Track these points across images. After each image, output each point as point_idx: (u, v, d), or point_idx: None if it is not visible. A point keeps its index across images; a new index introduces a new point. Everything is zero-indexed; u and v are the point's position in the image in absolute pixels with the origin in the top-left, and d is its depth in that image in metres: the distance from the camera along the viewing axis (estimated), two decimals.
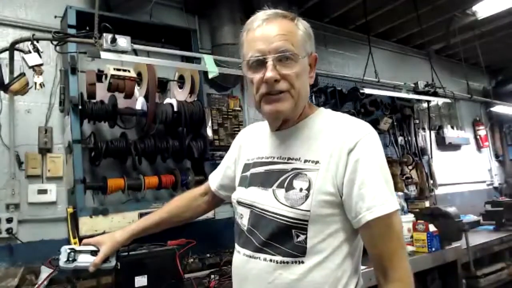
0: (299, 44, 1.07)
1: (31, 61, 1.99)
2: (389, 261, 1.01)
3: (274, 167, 1.12)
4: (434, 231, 2.58)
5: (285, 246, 1.03)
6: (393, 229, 1.01)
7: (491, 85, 5.95)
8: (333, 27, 4.16)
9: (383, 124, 4.14)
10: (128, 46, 2.11)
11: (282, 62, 1.04)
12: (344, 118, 1.13)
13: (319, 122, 1.13)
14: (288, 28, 1.07)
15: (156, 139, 2.59)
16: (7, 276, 2.09)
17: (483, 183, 5.55)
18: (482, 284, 3.05)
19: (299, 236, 1.02)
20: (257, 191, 1.13)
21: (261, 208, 1.09)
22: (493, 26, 4.42)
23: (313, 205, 1.01)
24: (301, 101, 1.09)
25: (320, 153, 1.05)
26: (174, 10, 3.15)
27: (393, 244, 1.02)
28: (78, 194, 2.25)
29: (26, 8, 2.55)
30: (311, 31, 1.13)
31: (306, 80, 1.11)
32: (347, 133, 1.05)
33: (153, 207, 2.43)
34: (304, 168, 1.05)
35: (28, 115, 2.47)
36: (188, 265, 2.47)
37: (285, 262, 1.03)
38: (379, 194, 1.00)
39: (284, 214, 1.04)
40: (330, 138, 1.06)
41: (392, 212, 1.00)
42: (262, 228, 1.08)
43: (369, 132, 1.07)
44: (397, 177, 4.14)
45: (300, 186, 1.04)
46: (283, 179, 1.07)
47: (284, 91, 1.05)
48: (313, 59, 1.14)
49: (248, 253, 1.11)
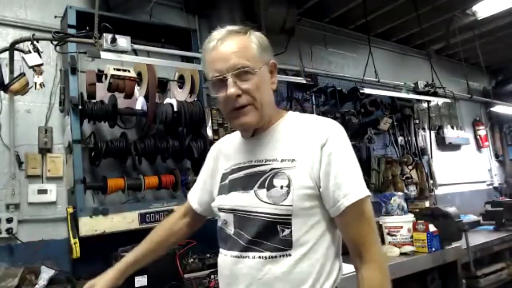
0: (254, 57, 1.13)
1: (31, 61, 1.99)
2: (363, 244, 1.09)
3: (253, 170, 1.17)
4: (434, 231, 2.58)
5: (272, 242, 1.09)
6: (366, 214, 1.10)
7: (491, 85, 5.94)
8: (333, 27, 4.16)
9: (383, 124, 4.14)
10: (128, 46, 2.11)
11: (241, 77, 1.11)
12: (313, 118, 1.22)
13: (289, 124, 1.20)
14: (241, 44, 1.14)
15: (156, 139, 2.59)
16: (7, 276, 2.09)
17: (483, 183, 5.54)
18: (482, 284, 3.05)
19: (284, 230, 1.08)
20: (238, 195, 1.17)
21: (244, 210, 1.14)
22: (493, 26, 4.42)
23: (294, 199, 1.07)
24: (266, 110, 1.16)
25: (295, 152, 1.12)
26: (174, 10, 3.15)
27: (366, 228, 1.10)
28: (78, 194, 2.25)
29: (26, 8, 2.55)
30: (266, 41, 1.20)
31: (268, 89, 1.18)
32: (318, 130, 1.13)
33: (153, 207, 2.44)
34: (282, 167, 1.11)
35: (28, 115, 2.47)
36: (188, 265, 2.47)
37: (273, 256, 1.08)
38: (353, 182, 1.08)
39: (268, 212, 1.09)
40: (302, 136, 1.13)
41: (365, 198, 1.08)
42: (248, 228, 1.12)
43: (337, 128, 1.15)
44: (397, 177, 4.14)
45: (280, 184, 1.09)
46: (263, 180, 1.13)
47: (248, 104, 1.12)
48: (272, 66, 1.20)
49: (235, 253, 1.14)
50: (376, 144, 4.15)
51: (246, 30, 1.17)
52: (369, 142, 4.02)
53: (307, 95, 3.75)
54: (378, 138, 4.23)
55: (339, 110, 3.89)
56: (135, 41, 2.21)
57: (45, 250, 2.34)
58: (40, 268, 2.21)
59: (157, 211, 2.44)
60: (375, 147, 4.17)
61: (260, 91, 1.13)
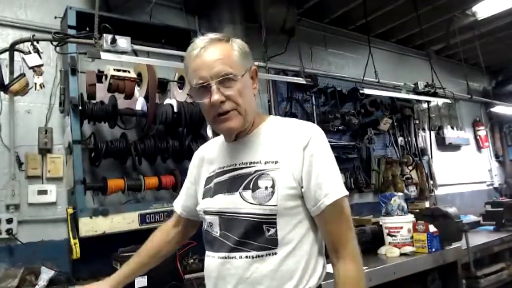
0: (236, 64, 1.17)
1: (31, 61, 1.99)
2: (340, 241, 1.14)
3: (237, 173, 1.20)
4: (434, 231, 2.58)
5: (258, 241, 1.12)
6: (345, 212, 1.15)
7: (491, 86, 5.95)
8: (333, 28, 4.16)
9: (383, 125, 4.14)
10: (128, 46, 2.11)
11: (224, 84, 1.14)
12: (294, 122, 1.25)
13: (271, 127, 1.24)
14: (224, 51, 1.17)
15: (156, 139, 2.59)
16: (7, 276, 2.09)
17: (483, 184, 5.55)
18: (483, 285, 3.05)
19: (270, 230, 1.12)
20: (223, 197, 1.20)
21: (230, 212, 1.17)
22: (493, 26, 4.42)
23: (279, 199, 1.11)
24: (249, 115, 1.19)
25: (278, 154, 1.16)
26: (174, 10, 3.15)
27: (344, 226, 1.15)
28: (78, 195, 2.25)
29: (26, 9, 2.55)
30: (247, 47, 1.23)
31: (250, 94, 1.21)
32: (299, 133, 1.17)
33: (153, 207, 2.44)
34: (266, 169, 1.15)
35: (28, 115, 2.47)
36: (188, 265, 2.46)
37: (260, 256, 1.12)
38: (333, 182, 1.13)
39: (254, 212, 1.13)
40: (284, 139, 1.18)
41: (343, 197, 1.13)
42: (234, 229, 1.15)
43: (318, 131, 1.19)
44: (397, 178, 4.14)
45: (265, 185, 1.13)
46: (248, 182, 1.16)
47: (231, 110, 1.16)
48: (253, 72, 1.24)
49: (222, 255, 1.17)
50: (376, 144, 4.15)
51: (228, 38, 1.21)
52: (369, 143, 4.02)
53: (307, 96, 3.75)
54: (378, 139, 4.23)
55: (339, 111, 3.90)
56: (135, 41, 2.21)
57: (45, 250, 2.34)
58: (40, 268, 2.21)
59: (157, 212, 2.44)
60: (375, 147, 4.17)
61: (243, 97, 1.16)
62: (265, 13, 3.09)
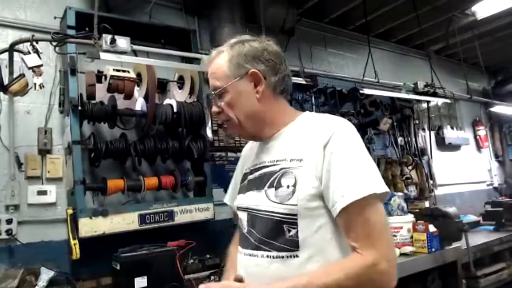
0: (225, 76, 1.20)
1: (31, 62, 1.99)
2: (362, 247, 1.01)
3: (266, 170, 1.20)
4: (434, 231, 2.58)
5: (278, 242, 1.09)
6: (364, 215, 1.02)
7: (490, 85, 5.94)
8: (332, 28, 4.15)
9: (382, 125, 4.14)
10: (127, 47, 2.11)
11: (219, 96, 1.21)
12: (321, 117, 1.22)
13: (300, 124, 1.22)
14: (216, 64, 1.22)
15: (156, 140, 2.59)
16: (7, 277, 2.09)
17: (483, 183, 5.54)
18: (482, 285, 3.05)
19: (291, 230, 1.08)
20: (252, 194, 1.21)
21: (256, 209, 1.17)
22: (492, 26, 4.42)
23: (299, 199, 1.07)
24: (249, 121, 1.21)
25: (303, 151, 1.13)
26: (174, 10, 3.14)
27: (365, 230, 1.02)
28: (78, 195, 2.24)
29: (26, 9, 2.55)
30: (245, 51, 1.21)
31: (247, 101, 1.20)
32: (322, 129, 1.13)
33: (153, 208, 2.44)
34: (290, 167, 1.13)
35: (28, 116, 2.46)
36: (188, 266, 2.47)
37: (280, 256, 1.09)
38: (352, 182, 1.03)
39: (274, 211, 1.11)
40: (309, 136, 1.14)
41: (366, 198, 1.01)
42: (258, 227, 1.15)
43: (342, 126, 1.13)
44: (397, 178, 4.13)
45: (287, 183, 1.11)
46: (273, 179, 1.15)
47: (226, 120, 1.24)
48: (252, 76, 1.19)
49: (248, 252, 1.18)
50: (376, 144, 4.14)
51: (228, 46, 1.24)
52: (369, 143, 4.02)
53: (307, 96, 3.75)
54: (378, 139, 4.22)
55: (338, 111, 3.89)
56: (135, 42, 2.20)
57: (45, 251, 2.34)
58: (39, 269, 2.21)
59: (157, 212, 2.44)
60: (375, 147, 4.16)
61: (234, 108, 1.20)
62: (265, 13, 3.08)
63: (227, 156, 3.15)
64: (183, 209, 2.53)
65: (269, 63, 1.20)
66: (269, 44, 1.26)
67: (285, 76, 1.24)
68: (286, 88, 1.25)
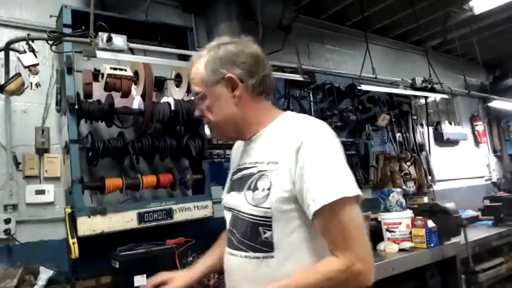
0: (202, 81, 1.22)
1: (27, 61, 1.98)
2: (336, 249, 1.04)
3: (246, 172, 1.22)
4: (432, 226, 2.59)
5: (255, 243, 1.14)
6: (337, 218, 1.03)
7: (488, 81, 5.95)
8: (330, 24, 4.15)
9: (381, 121, 4.14)
10: (124, 45, 2.10)
11: (199, 101, 1.25)
12: (298, 119, 1.21)
13: (279, 126, 1.22)
14: (195, 69, 1.25)
15: (153, 138, 2.58)
16: (6, 277, 2.08)
17: (481, 179, 5.56)
18: (481, 279, 3.06)
19: (266, 232, 1.12)
20: (235, 195, 1.24)
21: (237, 210, 1.21)
22: (489, 21, 4.42)
23: (273, 202, 1.10)
24: (229, 124, 1.24)
25: (278, 154, 1.14)
26: (170, 8, 3.13)
27: (338, 232, 1.03)
28: (76, 194, 2.24)
29: (22, 8, 2.54)
30: (220, 55, 1.20)
31: (224, 105, 1.21)
32: (296, 133, 1.12)
33: (152, 206, 2.43)
34: (267, 169, 1.15)
35: (25, 115, 2.45)
36: (187, 264, 2.46)
37: (256, 257, 1.13)
38: (323, 186, 1.04)
39: (251, 213, 1.14)
40: (284, 139, 1.14)
41: (337, 201, 1.01)
42: (238, 228, 1.20)
43: (315, 130, 1.13)
44: (396, 174, 4.14)
45: (263, 187, 1.13)
46: (251, 182, 1.17)
47: (207, 123, 1.29)
48: (227, 81, 1.20)
49: (229, 251, 1.24)
50: (374, 140, 4.15)
51: (207, 50, 1.24)
52: (367, 139, 4.02)
53: (305, 92, 3.75)
54: (376, 135, 4.23)
55: (336, 107, 3.90)
56: (132, 40, 2.19)
57: (44, 250, 2.34)
58: (39, 268, 2.20)
59: (155, 210, 2.43)
60: (373, 143, 4.17)
61: (212, 111, 1.23)
62: (262, 10, 3.07)
63: (225, 154, 3.14)
64: (182, 207, 2.52)
65: (245, 66, 1.19)
66: (247, 45, 1.23)
67: (263, 77, 1.22)
68: (266, 88, 1.24)
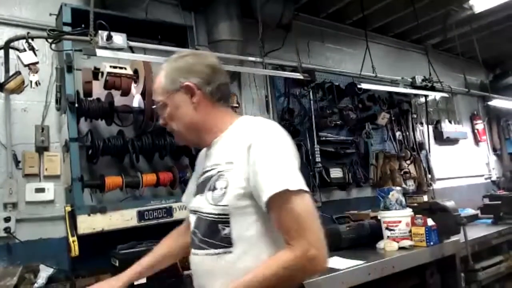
0: (164, 90, 1.31)
1: (26, 59, 1.98)
2: (289, 238, 1.10)
3: (207, 175, 1.29)
4: (432, 225, 2.59)
5: (215, 240, 1.20)
6: (286, 208, 1.09)
7: (488, 79, 5.94)
8: (330, 23, 4.14)
9: (380, 119, 4.14)
10: (124, 43, 2.10)
11: (161, 110, 1.33)
12: (252, 121, 1.29)
13: (235, 129, 1.30)
14: (157, 80, 1.34)
15: (153, 136, 2.59)
16: (6, 275, 2.08)
17: (481, 177, 5.56)
18: (481, 277, 3.06)
19: (225, 229, 1.19)
20: (198, 198, 1.31)
21: (200, 211, 1.28)
22: (490, 20, 4.41)
23: (230, 199, 1.17)
24: (190, 130, 1.32)
25: (233, 154, 1.21)
26: (170, 7, 3.13)
27: (288, 221, 1.10)
28: (76, 193, 2.24)
29: (21, 6, 2.54)
30: (179, 66, 1.31)
31: (184, 113, 1.30)
32: (248, 133, 1.21)
33: (152, 204, 2.43)
34: (224, 170, 1.22)
35: (25, 113, 2.46)
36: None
37: (217, 253, 1.20)
38: (270, 179, 1.11)
39: (210, 212, 1.22)
40: (238, 139, 1.22)
41: (282, 193, 1.08)
42: (200, 228, 1.27)
43: (265, 129, 1.21)
44: (395, 172, 4.14)
45: (220, 186, 1.20)
46: (211, 183, 1.25)
47: (171, 131, 1.36)
48: (185, 89, 1.29)
49: (193, 251, 1.31)
50: (374, 139, 4.15)
51: (167, 63, 1.34)
52: (367, 137, 4.02)
53: (305, 91, 3.75)
54: (376, 133, 4.23)
55: (337, 106, 3.90)
56: (131, 38, 2.20)
57: (44, 248, 2.34)
58: (39, 266, 2.21)
59: (155, 209, 2.43)
60: (373, 142, 4.17)
61: (173, 119, 1.31)
62: (262, 8, 3.07)
63: None
64: (182, 206, 2.52)
65: (202, 75, 1.29)
66: (204, 57, 1.36)
67: (219, 85, 1.31)
68: (223, 95, 1.34)
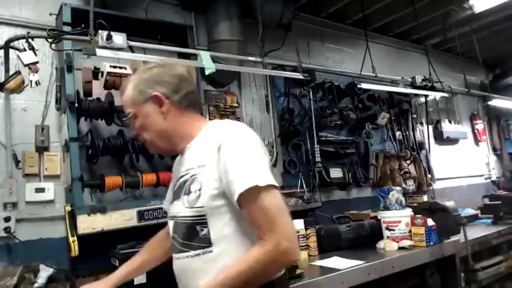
0: (133, 102, 1.34)
1: (26, 59, 1.98)
2: (260, 232, 1.14)
3: (182, 180, 1.31)
4: (432, 225, 2.59)
5: (194, 242, 1.23)
6: (256, 203, 1.13)
7: (488, 79, 5.94)
8: (330, 22, 4.14)
9: (380, 119, 4.14)
10: (124, 43, 2.10)
11: (132, 121, 1.37)
12: (221, 124, 1.33)
13: (205, 133, 1.33)
14: (126, 92, 1.37)
15: None
16: (6, 275, 2.08)
17: (481, 177, 5.56)
18: (481, 277, 3.06)
19: (203, 230, 1.22)
20: (175, 203, 1.34)
21: (177, 216, 1.31)
22: (490, 20, 4.40)
23: (204, 200, 1.20)
24: (161, 139, 1.35)
25: (205, 157, 1.24)
26: (170, 6, 3.13)
27: (259, 216, 1.13)
28: (76, 192, 2.24)
29: (21, 6, 2.54)
30: (146, 78, 1.35)
31: (154, 122, 1.34)
32: (217, 135, 1.24)
33: (152, 204, 2.43)
34: (197, 173, 1.25)
35: (25, 113, 2.45)
36: None
37: (197, 254, 1.23)
38: (240, 176, 1.15)
39: (187, 215, 1.25)
40: (208, 142, 1.25)
41: (251, 189, 1.12)
42: (179, 232, 1.30)
43: (233, 130, 1.25)
44: (395, 172, 4.14)
45: (195, 189, 1.23)
46: (186, 187, 1.28)
47: (145, 141, 1.38)
48: (154, 99, 1.32)
49: (174, 256, 1.34)
50: (374, 139, 4.15)
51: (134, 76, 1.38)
52: (367, 137, 4.02)
53: (305, 91, 3.75)
54: (376, 133, 4.23)
55: (336, 106, 3.90)
56: (131, 38, 2.20)
57: (44, 248, 2.34)
58: (39, 266, 2.21)
59: (155, 208, 2.43)
60: (373, 142, 4.17)
61: (145, 129, 1.35)
62: (262, 8, 3.07)
63: None
64: None
65: (169, 85, 1.33)
66: (170, 67, 1.41)
67: (187, 93, 1.36)
68: (191, 103, 1.38)
